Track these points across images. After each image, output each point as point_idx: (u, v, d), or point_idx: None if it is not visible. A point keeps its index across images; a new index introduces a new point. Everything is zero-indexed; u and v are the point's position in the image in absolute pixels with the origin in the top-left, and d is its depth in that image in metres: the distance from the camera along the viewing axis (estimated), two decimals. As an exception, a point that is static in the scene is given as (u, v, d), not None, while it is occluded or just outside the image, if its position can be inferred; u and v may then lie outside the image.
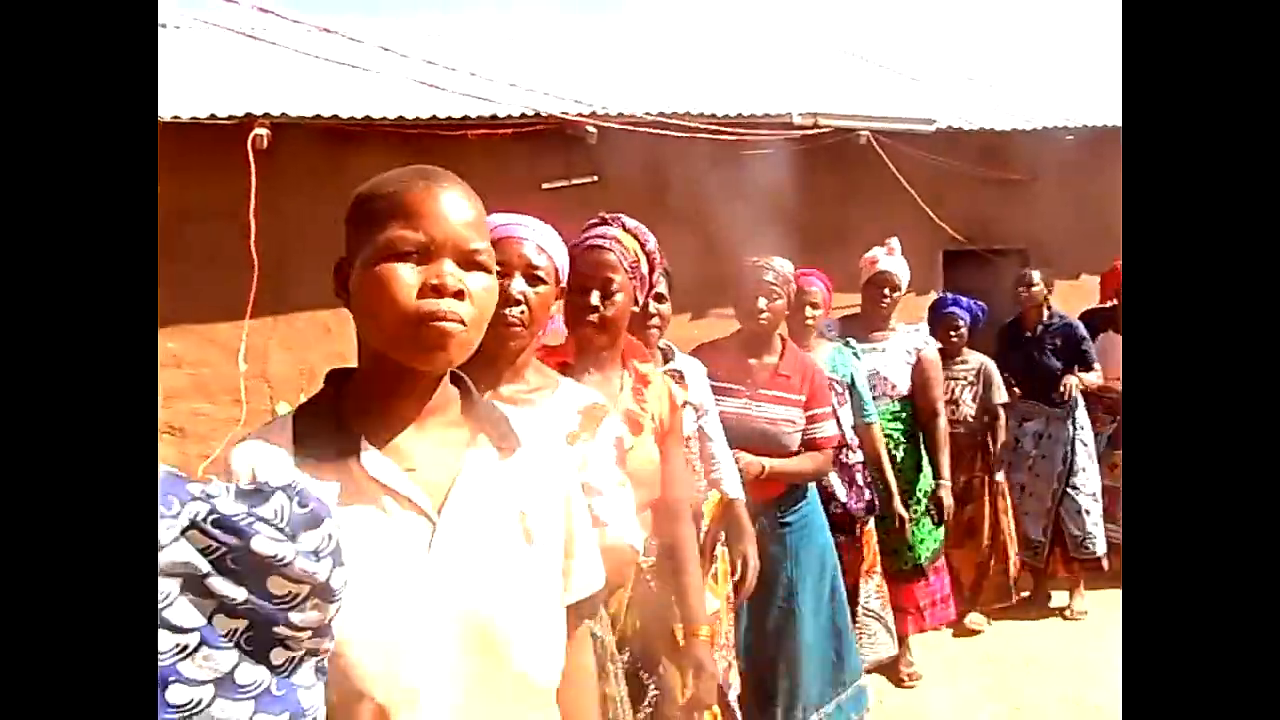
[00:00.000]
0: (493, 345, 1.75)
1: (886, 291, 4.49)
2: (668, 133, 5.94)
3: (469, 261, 1.16)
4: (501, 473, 1.27)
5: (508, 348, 1.85)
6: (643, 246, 2.35)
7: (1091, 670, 4.63)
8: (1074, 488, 5.43)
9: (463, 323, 1.13)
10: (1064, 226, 7.21)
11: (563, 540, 1.35)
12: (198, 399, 5.46)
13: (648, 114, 6.00)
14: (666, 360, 3.04)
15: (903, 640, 4.59)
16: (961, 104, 7.93)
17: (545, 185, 6.08)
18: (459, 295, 1.12)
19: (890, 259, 4.52)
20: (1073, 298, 6.29)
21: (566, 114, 5.91)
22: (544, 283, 1.87)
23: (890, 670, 4.60)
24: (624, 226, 2.35)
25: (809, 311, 3.99)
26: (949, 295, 5.27)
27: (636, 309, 2.42)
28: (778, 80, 8.15)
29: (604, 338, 2.26)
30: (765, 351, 3.54)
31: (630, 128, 5.88)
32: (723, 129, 6.17)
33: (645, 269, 2.36)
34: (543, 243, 1.90)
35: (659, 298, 2.91)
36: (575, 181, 6.16)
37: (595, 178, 6.17)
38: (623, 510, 2.00)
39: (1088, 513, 5.43)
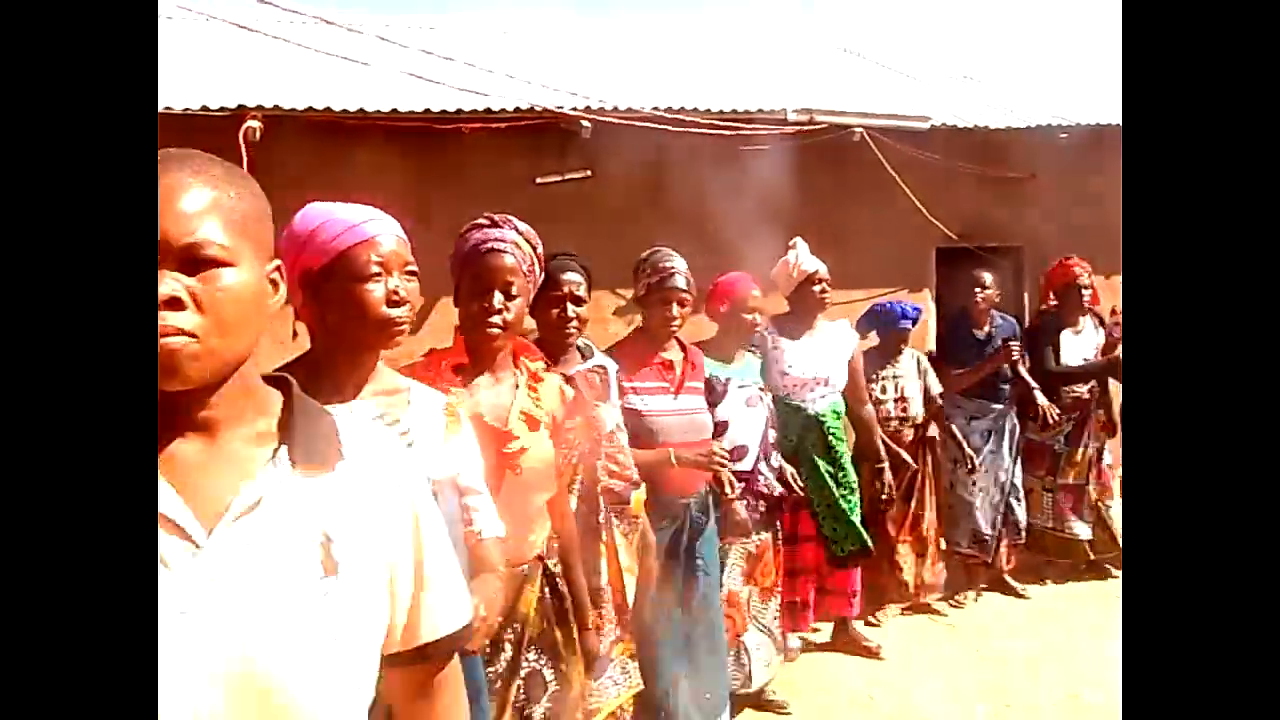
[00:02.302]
0: (376, 344, 1.82)
1: (825, 287, 4.54)
2: (662, 127, 5.92)
3: (193, 259, 0.96)
4: (304, 491, 1.06)
5: (391, 347, 1.87)
6: (534, 250, 2.39)
7: (1085, 669, 4.64)
8: (1017, 477, 5.68)
9: (192, 335, 0.95)
10: (1058, 224, 7.22)
11: (410, 568, 1.17)
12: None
13: (642, 109, 5.99)
14: (585, 358, 3.07)
15: (845, 622, 4.87)
16: (956, 101, 7.93)
17: (539, 180, 6.07)
18: (175, 304, 0.94)
19: (811, 258, 4.55)
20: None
21: (561, 108, 5.90)
22: (416, 276, 1.87)
23: (852, 646, 4.90)
24: (516, 229, 2.36)
25: (749, 316, 4.08)
26: (895, 306, 5.33)
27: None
28: (773, 77, 8.14)
29: (504, 340, 2.32)
30: (672, 347, 3.61)
31: (625, 122, 5.87)
32: (717, 125, 6.16)
33: (537, 271, 2.43)
34: (402, 234, 1.88)
35: (577, 300, 2.92)
36: (569, 176, 6.15)
37: (589, 173, 6.16)
38: (490, 504, 2.06)
39: (1022, 503, 5.70)
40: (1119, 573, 5.98)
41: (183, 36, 7.36)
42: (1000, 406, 5.57)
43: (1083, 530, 5.84)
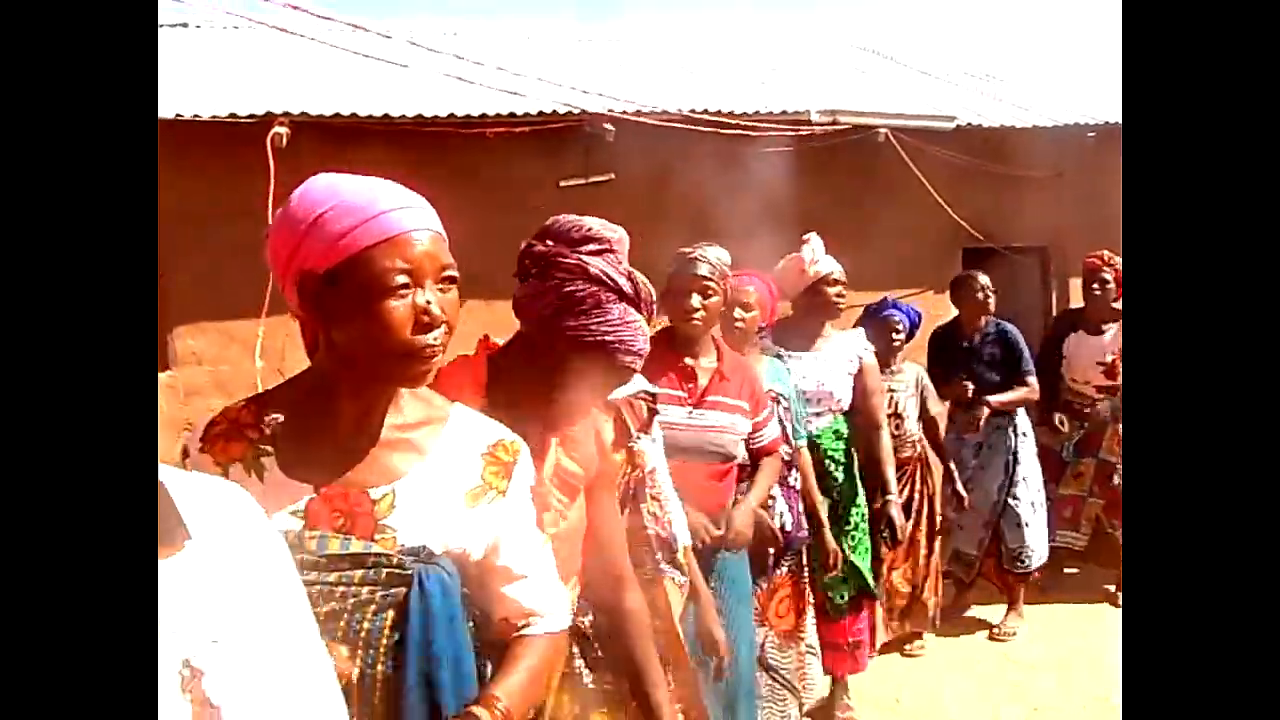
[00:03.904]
0: (397, 378, 1.37)
1: (840, 291, 4.05)
2: (687, 127, 5.93)
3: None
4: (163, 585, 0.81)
5: (420, 380, 1.37)
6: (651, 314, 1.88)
7: (1113, 672, 4.58)
8: (1015, 498, 5.18)
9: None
10: (1085, 224, 7.15)
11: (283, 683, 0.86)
12: (218, 396, 5.51)
13: (666, 112, 5.99)
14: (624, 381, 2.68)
15: (837, 681, 4.24)
16: (981, 101, 7.89)
17: (563, 183, 6.09)
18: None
19: (827, 257, 4.06)
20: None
21: (584, 112, 5.92)
22: (455, 282, 1.38)
23: (823, 714, 4.25)
24: (650, 315, 1.80)
25: (739, 313, 3.55)
26: (887, 298, 4.95)
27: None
28: (796, 78, 8.13)
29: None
30: (703, 353, 3.15)
31: (650, 122, 5.87)
32: (741, 127, 6.15)
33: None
34: (439, 227, 1.39)
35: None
36: (593, 180, 6.16)
37: (612, 176, 6.17)
38: (551, 589, 1.54)
39: (1027, 525, 5.18)
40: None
41: (212, 44, 7.47)
42: (993, 420, 5.13)
43: (1075, 541, 5.53)
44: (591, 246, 1.76)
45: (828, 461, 4.03)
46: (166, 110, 4.83)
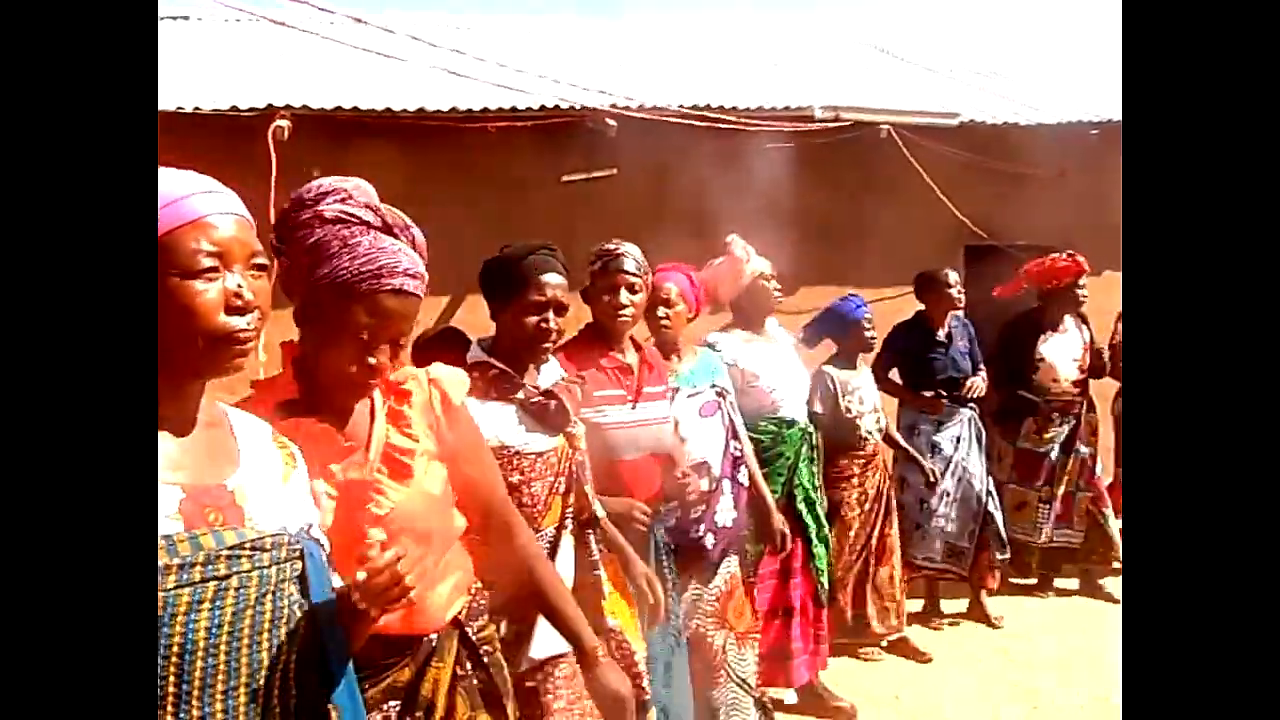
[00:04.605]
0: (208, 367, 1.32)
1: (777, 286, 4.06)
2: (689, 122, 5.92)
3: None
4: None
5: (234, 368, 1.34)
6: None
7: (1113, 671, 4.57)
8: (991, 486, 5.26)
9: None
10: (1088, 222, 7.13)
11: None
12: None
13: (668, 107, 5.99)
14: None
15: (813, 682, 4.23)
16: (984, 98, 7.87)
17: (565, 178, 6.08)
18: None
19: (758, 257, 4.03)
20: (1097, 293, 6.21)
21: (586, 107, 5.91)
22: (266, 270, 1.36)
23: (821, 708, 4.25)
24: (414, 240, 1.77)
25: (662, 311, 3.42)
26: (852, 298, 4.81)
27: None
28: (799, 74, 8.11)
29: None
30: (628, 347, 3.13)
31: (651, 120, 5.86)
32: (743, 122, 6.15)
33: None
34: (245, 213, 1.35)
35: (560, 309, 2.45)
36: (595, 175, 6.15)
37: (614, 171, 6.16)
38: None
39: (999, 510, 5.27)
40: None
41: (214, 36, 7.46)
42: (969, 411, 5.20)
43: (1072, 538, 5.58)
44: (328, 200, 1.71)
45: (805, 452, 4.02)
46: (167, 103, 4.82)
